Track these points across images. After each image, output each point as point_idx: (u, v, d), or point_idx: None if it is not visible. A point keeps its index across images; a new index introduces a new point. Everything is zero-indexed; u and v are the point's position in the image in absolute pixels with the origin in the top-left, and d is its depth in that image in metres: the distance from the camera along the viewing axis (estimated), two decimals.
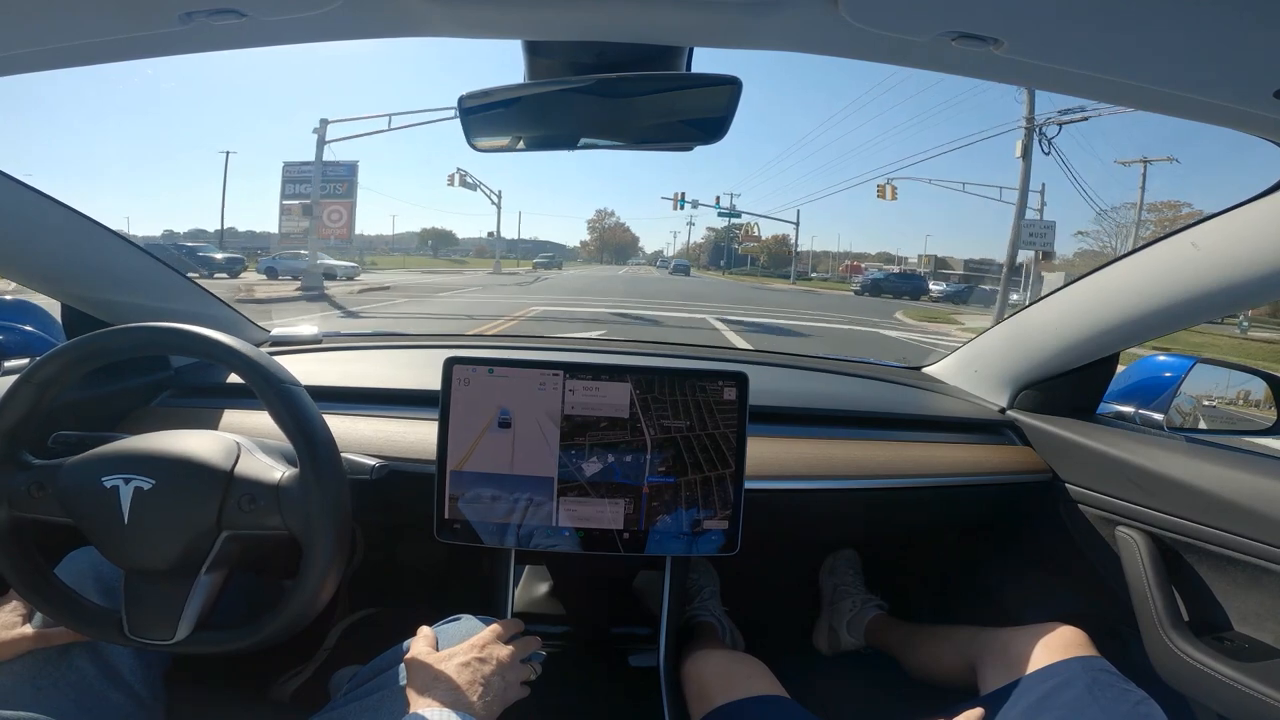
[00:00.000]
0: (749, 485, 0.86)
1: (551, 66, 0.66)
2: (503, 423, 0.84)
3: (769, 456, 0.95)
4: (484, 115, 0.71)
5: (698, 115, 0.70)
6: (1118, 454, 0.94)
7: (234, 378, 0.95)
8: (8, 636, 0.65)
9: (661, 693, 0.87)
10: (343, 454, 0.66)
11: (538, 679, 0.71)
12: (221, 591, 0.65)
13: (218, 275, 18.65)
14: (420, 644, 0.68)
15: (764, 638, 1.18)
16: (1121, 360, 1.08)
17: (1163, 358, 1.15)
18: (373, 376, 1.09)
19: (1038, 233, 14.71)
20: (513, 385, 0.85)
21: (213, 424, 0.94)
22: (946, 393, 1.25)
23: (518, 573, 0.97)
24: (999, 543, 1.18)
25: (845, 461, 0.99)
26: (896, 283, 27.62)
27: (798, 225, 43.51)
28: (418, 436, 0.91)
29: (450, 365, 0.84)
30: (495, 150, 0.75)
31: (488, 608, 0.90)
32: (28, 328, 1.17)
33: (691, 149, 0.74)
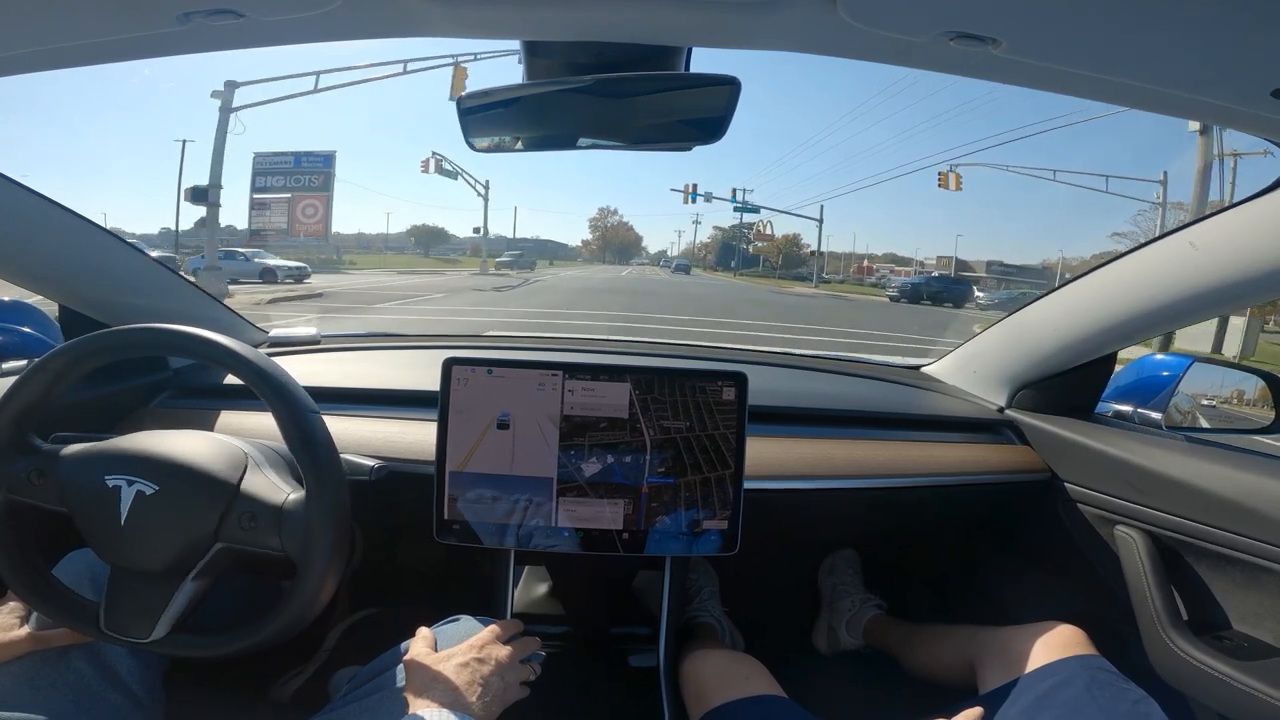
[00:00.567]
0: (748, 485, 0.86)
1: (550, 67, 0.66)
2: (502, 423, 0.84)
3: (768, 456, 0.95)
4: (483, 116, 0.71)
5: (697, 115, 0.70)
6: (1116, 453, 0.94)
7: (230, 378, 0.95)
8: (6, 638, 0.65)
9: (661, 693, 0.87)
10: (342, 455, 0.65)
11: (537, 679, 0.71)
12: (205, 596, 0.64)
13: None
14: (419, 645, 0.68)
15: (763, 638, 1.18)
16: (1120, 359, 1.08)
17: (1161, 357, 1.16)
18: (372, 377, 1.09)
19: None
20: (512, 386, 0.84)
21: (211, 425, 0.94)
22: (945, 392, 1.25)
23: (517, 573, 0.96)
24: (998, 542, 1.19)
25: (844, 461, 0.99)
26: (938, 288, 22.96)
27: (821, 222, 36.52)
28: (417, 437, 0.91)
29: (449, 366, 0.84)
30: (494, 151, 0.75)
31: (487, 608, 0.90)
32: (25, 329, 1.16)
33: (690, 149, 0.74)
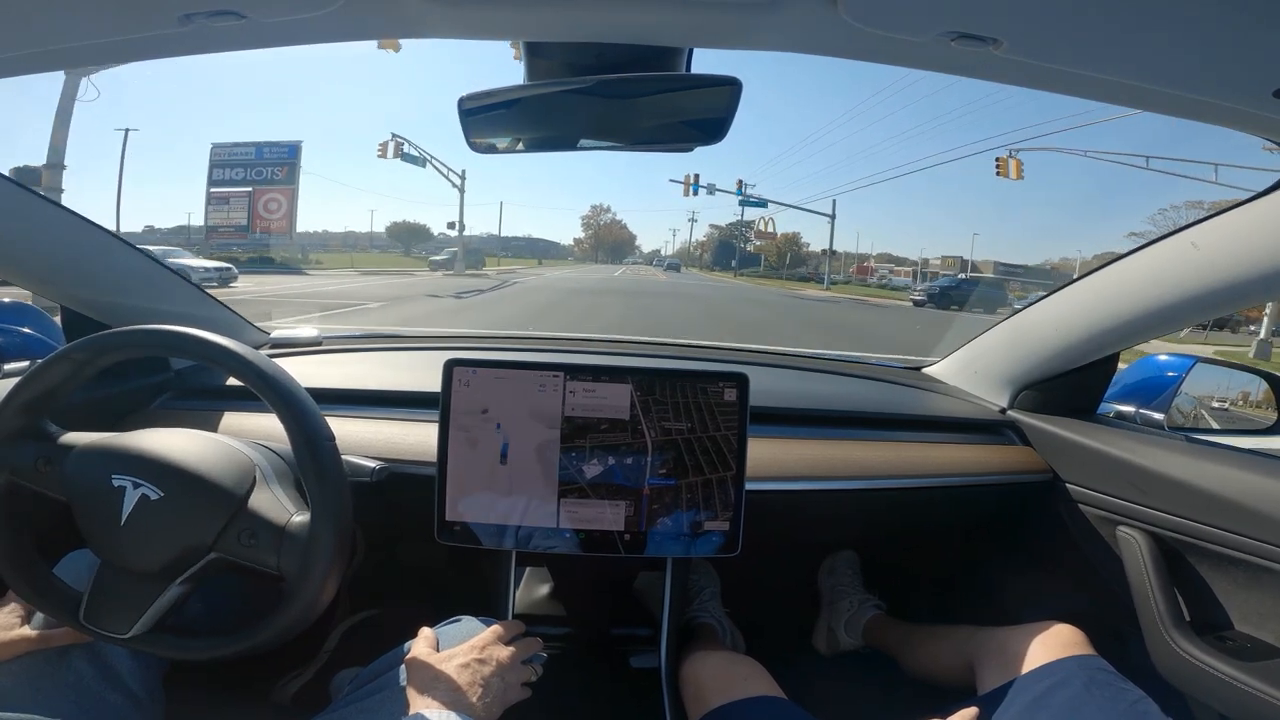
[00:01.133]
0: (749, 487, 0.86)
1: (551, 67, 0.66)
2: (503, 424, 0.84)
3: (769, 457, 0.95)
4: (483, 116, 0.71)
5: (698, 116, 0.70)
6: (1118, 454, 0.94)
7: (231, 379, 0.95)
8: (6, 637, 0.65)
9: (662, 694, 0.87)
10: (343, 456, 0.65)
11: (538, 680, 0.71)
12: (188, 599, 0.64)
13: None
14: (421, 645, 0.68)
15: (764, 638, 1.18)
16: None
17: (1163, 357, 1.16)
18: (373, 378, 1.09)
19: None
20: (513, 386, 0.84)
21: (212, 426, 0.94)
22: (947, 393, 1.25)
23: (518, 574, 0.96)
24: (999, 543, 1.18)
25: (845, 462, 0.98)
26: (970, 292, 21.22)
27: (833, 218, 34.58)
28: (418, 438, 0.91)
29: (450, 367, 0.84)
30: (495, 151, 0.75)
31: (488, 609, 0.90)
32: (25, 330, 1.16)
33: (691, 150, 0.74)
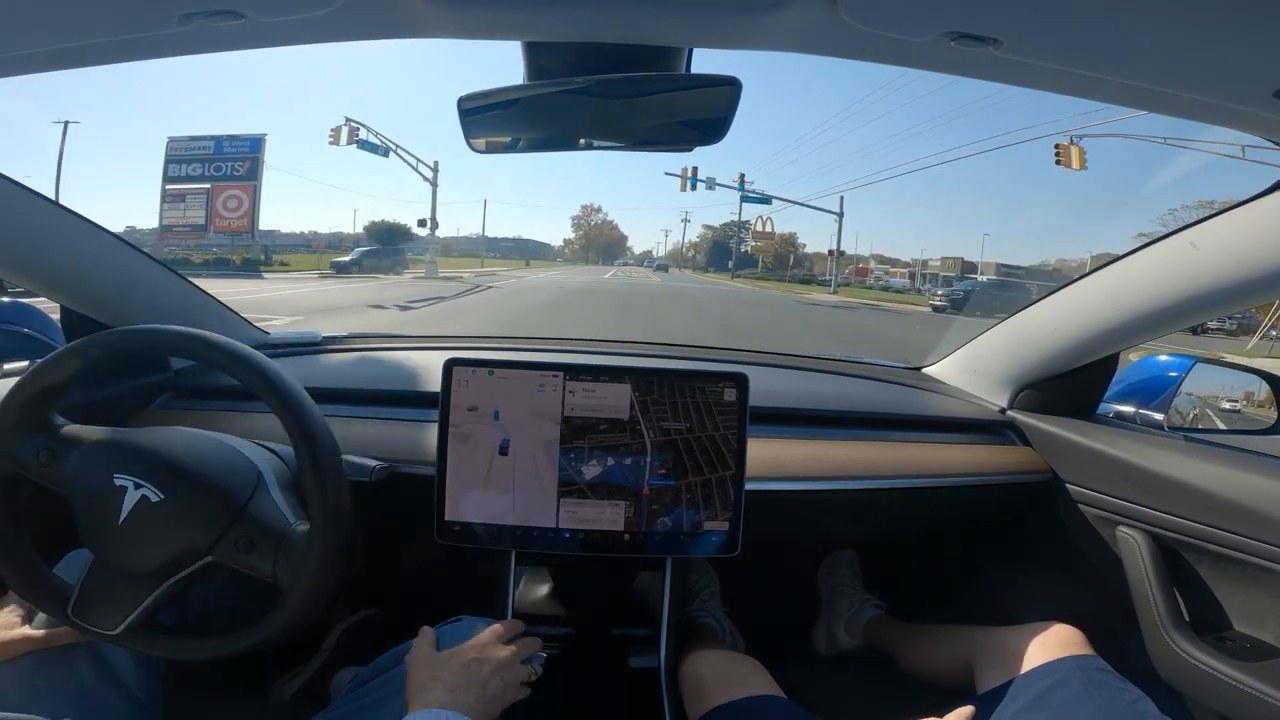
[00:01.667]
0: (748, 486, 0.86)
1: (551, 67, 0.66)
2: (502, 424, 0.84)
3: (768, 457, 0.95)
4: (483, 116, 0.71)
5: (698, 116, 0.70)
6: (1118, 454, 0.94)
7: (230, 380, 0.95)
8: (7, 637, 0.65)
9: (661, 694, 0.87)
10: (343, 456, 0.65)
11: (538, 679, 0.71)
12: (179, 599, 0.64)
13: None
14: (421, 644, 0.68)
15: (764, 638, 1.18)
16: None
17: (1163, 357, 1.15)
18: (372, 378, 1.09)
19: None
20: (512, 386, 0.84)
21: (211, 427, 0.94)
22: (946, 393, 1.25)
23: (518, 574, 0.96)
24: (999, 543, 1.18)
25: (845, 462, 0.98)
26: (998, 297, 18.73)
27: (841, 216, 31.24)
28: (418, 438, 0.91)
29: (450, 366, 0.84)
30: (494, 151, 0.75)
31: (488, 609, 0.90)
32: (25, 330, 1.16)
33: (691, 150, 0.74)
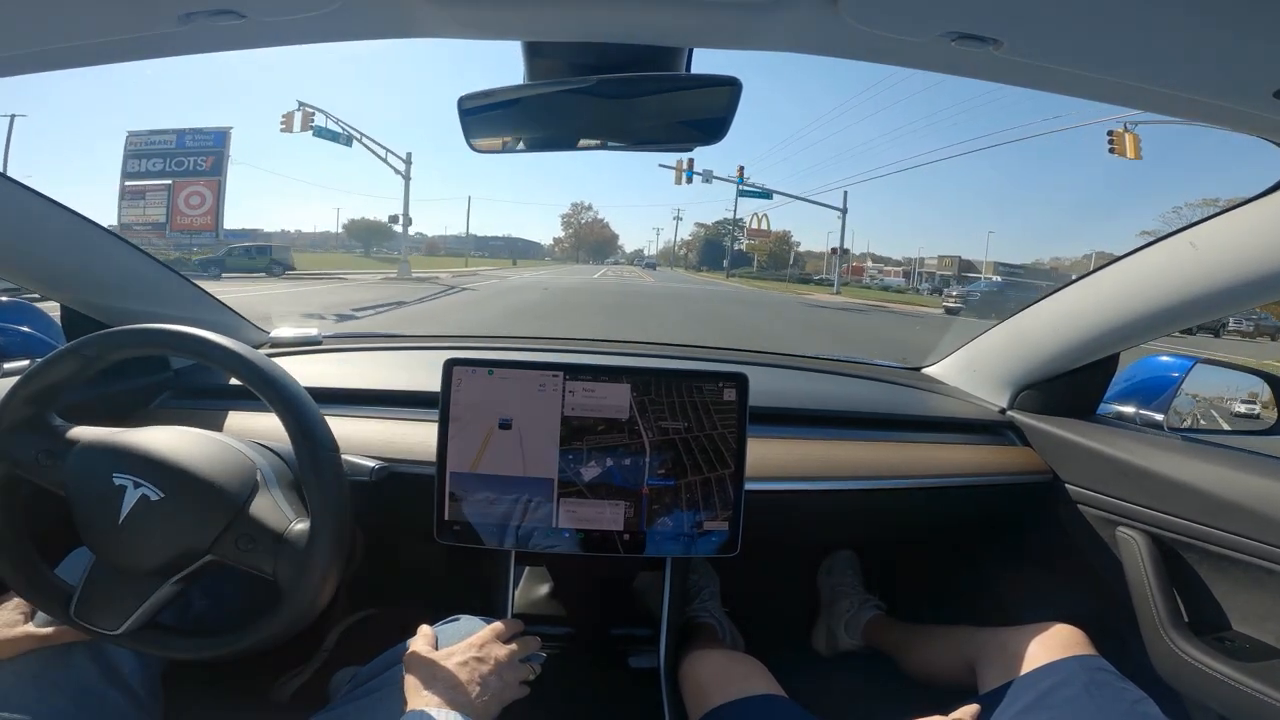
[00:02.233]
0: (748, 486, 0.86)
1: (551, 67, 0.66)
2: (503, 424, 0.84)
3: (768, 457, 0.95)
4: (483, 116, 0.71)
5: (698, 116, 0.70)
6: (1118, 454, 0.94)
7: (232, 379, 0.95)
8: (8, 635, 0.65)
9: (661, 694, 0.87)
10: (342, 455, 0.65)
11: (537, 679, 0.71)
12: (180, 598, 0.64)
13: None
14: (420, 643, 0.68)
15: (764, 638, 1.18)
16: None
17: (1164, 358, 1.15)
18: (373, 378, 1.09)
19: None
20: (513, 386, 0.84)
21: (211, 426, 0.94)
22: (946, 393, 1.25)
23: (518, 573, 0.96)
24: (999, 543, 1.18)
25: (845, 462, 0.98)
26: (1014, 299, 15.61)
27: (845, 212, 29.36)
28: (418, 438, 0.91)
29: (450, 366, 0.84)
30: (495, 151, 0.75)
31: (488, 608, 0.90)
32: (25, 329, 1.16)
33: (691, 150, 0.74)
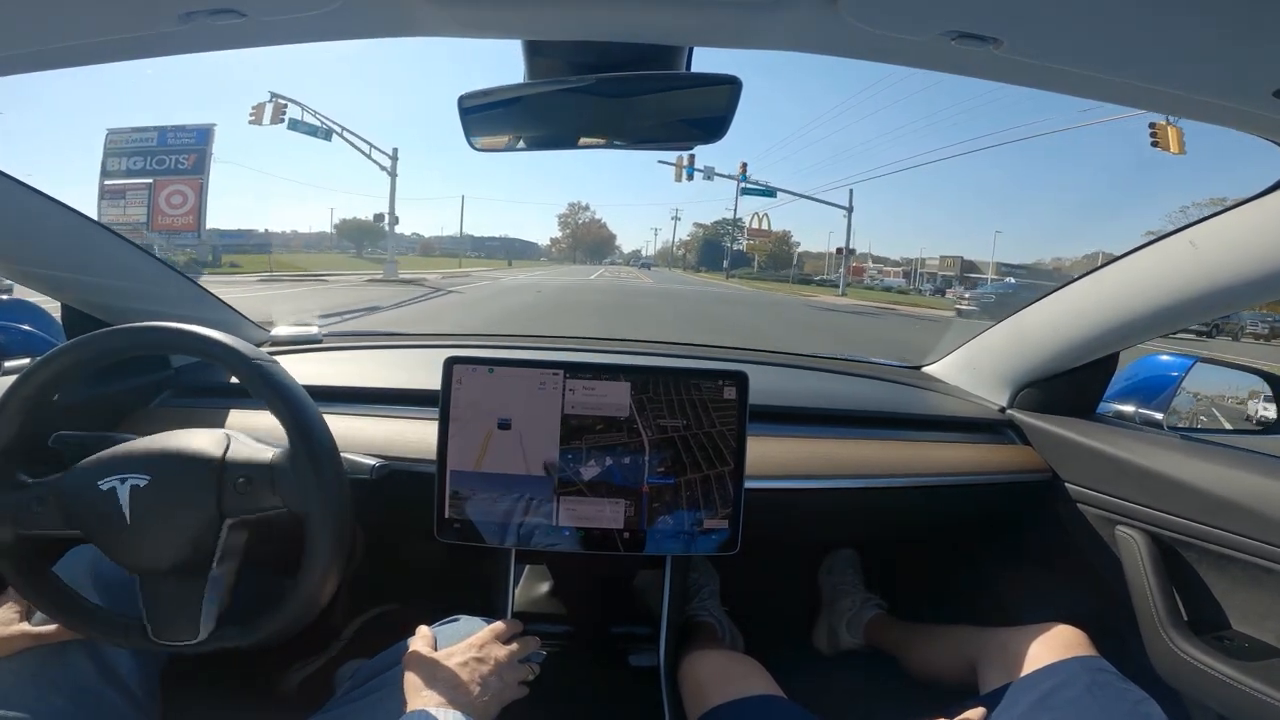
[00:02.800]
0: (748, 485, 0.86)
1: (551, 66, 0.66)
2: (503, 422, 0.84)
3: (768, 456, 0.95)
4: (484, 115, 0.71)
5: (698, 115, 0.70)
6: (1118, 453, 0.94)
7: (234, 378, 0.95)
8: (4, 634, 0.65)
9: (661, 692, 0.87)
10: (343, 454, 0.66)
11: (537, 678, 0.71)
12: (236, 585, 0.65)
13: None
14: (419, 644, 0.68)
15: (764, 637, 1.18)
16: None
17: (1164, 357, 1.15)
18: (373, 376, 1.09)
19: None
20: (513, 385, 0.84)
21: (213, 424, 0.94)
22: (946, 392, 1.25)
23: (518, 572, 0.97)
24: (999, 542, 1.18)
25: (845, 461, 0.99)
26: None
27: (850, 211, 27.84)
28: (418, 436, 0.91)
29: (450, 365, 0.84)
30: (495, 150, 0.76)
31: (488, 606, 0.90)
32: (26, 327, 1.17)
33: (692, 149, 0.74)
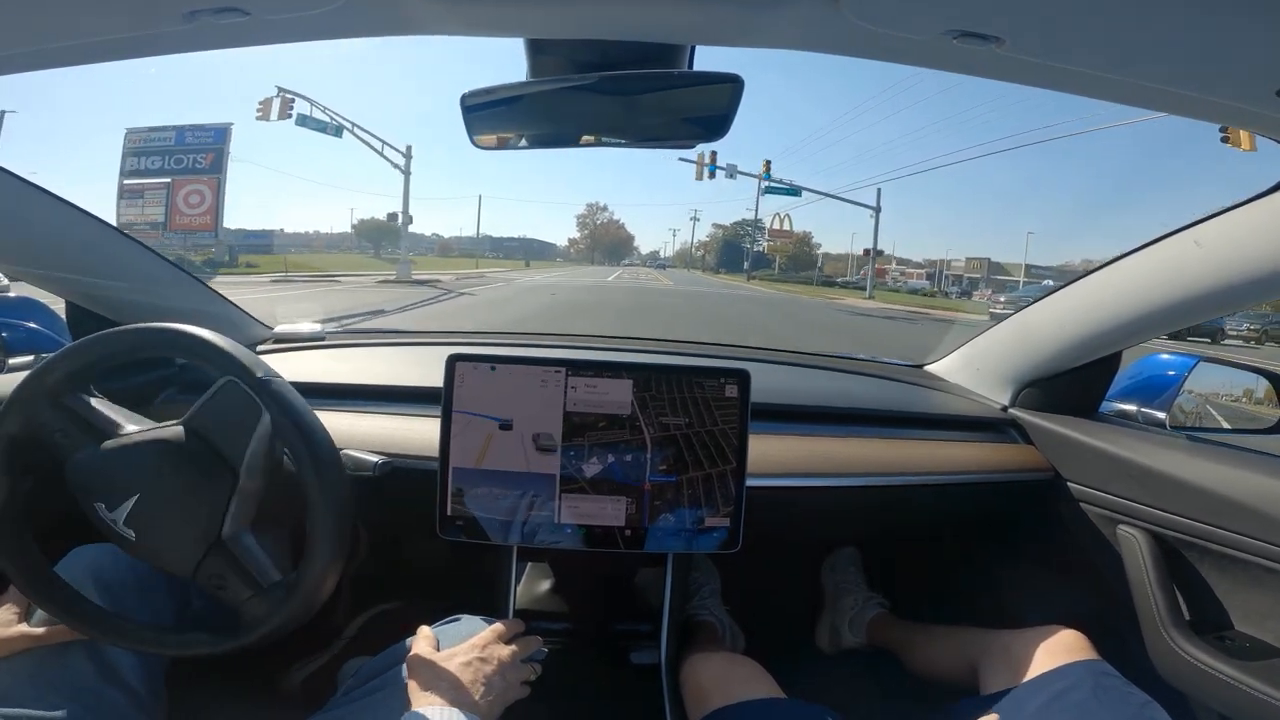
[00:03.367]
0: (750, 483, 0.86)
1: (554, 64, 0.66)
2: (505, 420, 0.84)
3: (770, 454, 0.95)
4: (486, 113, 0.71)
5: (700, 113, 0.70)
6: (1120, 452, 0.94)
7: None
8: (5, 634, 0.65)
9: (663, 690, 0.88)
10: (345, 451, 0.66)
11: (539, 676, 0.71)
12: (275, 540, 0.68)
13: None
14: (420, 644, 0.68)
15: (765, 636, 1.18)
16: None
17: (1166, 356, 1.15)
18: (375, 373, 1.09)
19: None
20: (515, 382, 0.85)
21: None
22: (948, 390, 1.25)
23: (520, 569, 0.97)
24: (1001, 541, 1.18)
25: (847, 459, 0.99)
26: None
27: (878, 211, 26.66)
28: (420, 433, 0.91)
29: (452, 362, 0.84)
30: (497, 148, 0.76)
31: (490, 604, 0.91)
32: (31, 324, 1.17)
33: (694, 147, 0.75)
